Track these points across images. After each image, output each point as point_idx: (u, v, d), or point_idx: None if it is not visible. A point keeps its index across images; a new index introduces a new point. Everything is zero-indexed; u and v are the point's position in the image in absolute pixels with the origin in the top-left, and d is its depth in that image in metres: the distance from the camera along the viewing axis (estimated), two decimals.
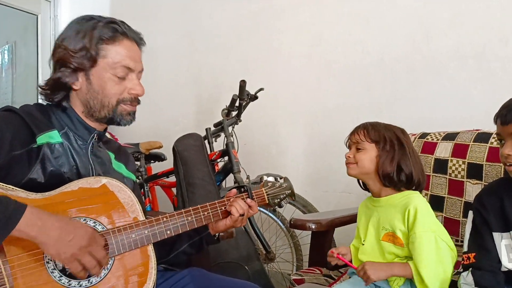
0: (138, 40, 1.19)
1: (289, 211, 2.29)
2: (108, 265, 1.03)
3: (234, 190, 1.27)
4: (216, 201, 1.22)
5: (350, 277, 1.43)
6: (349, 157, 1.39)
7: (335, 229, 1.70)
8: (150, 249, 1.08)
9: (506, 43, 1.95)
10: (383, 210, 1.37)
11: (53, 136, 1.10)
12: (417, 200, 1.31)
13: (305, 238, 2.25)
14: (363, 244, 1.39)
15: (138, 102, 1.21)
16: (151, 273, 1.05)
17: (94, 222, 1.03)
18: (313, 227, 1.60)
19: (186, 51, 3.07)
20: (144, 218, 1.10)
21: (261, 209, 2.32)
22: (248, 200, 1.25)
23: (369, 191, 1.47)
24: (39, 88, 1.18)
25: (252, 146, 2.71)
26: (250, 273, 1.89)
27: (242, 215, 1.22)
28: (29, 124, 1.07)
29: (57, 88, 1.14)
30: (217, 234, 1.30)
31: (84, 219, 1.03)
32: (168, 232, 1.11)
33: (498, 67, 1.98)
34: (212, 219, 1.20)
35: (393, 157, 1.34)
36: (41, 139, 1.07)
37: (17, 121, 1.06)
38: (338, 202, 2.40)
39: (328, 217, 1.65)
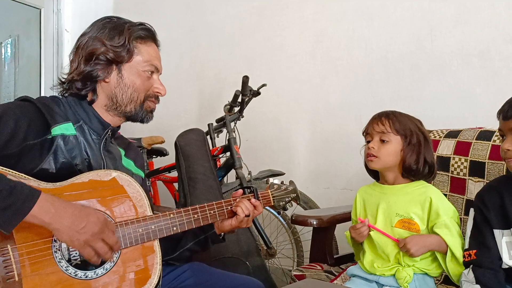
0: (158, 46, 1.27)
1: (290, 208, 2.29)
2: (115, 258, 1.03)
3: (241, 191, 1.28)
4: (222, 200, 1.24)
5: (350, 278, 1.43)
6: (372, 148, 1.36)
7: (336, 225, 1.70)
8: (156, 244, 1.09)
9: (510, 42, 1.95)
10: (395, 198, 1.38)
11: (68, 128, 1.12)
12: (433, 190, 1.38)
13: (306, 234, 2.25)
14: (372, 231, 1.39)
15: (158, 100, 1.27)
16: (156, 268, 1.06)
17: (103, 215, 1.04)
18: (315, 223, 1.61)
19: (189, 47, 3.07)
20: (152, 213, 1.11)
21: (268, 208, 2.33)
22: (253, 200, 1.26)
23: (376, 179, 1.47)
24: (61, 80, 1.20)
25: (254, 142, 2.71)
26: (250, 269, 1.89)
27: (248, 215, 1.23)
28: (45, 115, 1.08)
29: (87, 80, 1.16)
30: (222, 233, 1.30)
31: None
32: (175, 228, 1.12)
33: (502, 66, 1.97)
34: (218, 218, 1.21)
35: (420, 152, 1.36)
36: (56, 130, 1.09)
37: (33, 111, 1.08)
38: (338, 198, 2.40)
39: (329, 213, 1.66)
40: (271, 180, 1.35)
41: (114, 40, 1.16)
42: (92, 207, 0.99)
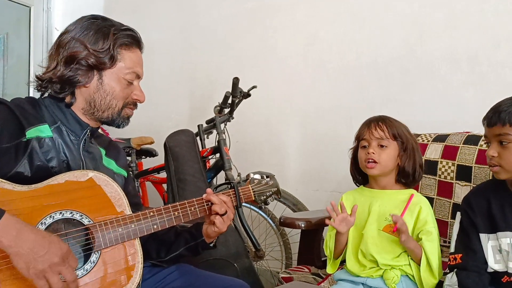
0: (142, 50, 1.25)
1: (279, 209, 2.29)
2: (95, 259, 1.02)
3: (209, 189, 1.27)
4: (203, 197, 1.22)
5: (336, 282, 1.42)
6: (373, 153, 1.36)
7: (325, 227, 1.70)
8: (137, 243, 1.08)
9: (498, 48, 1.97)
10: (386, 202, 1.39)
11: (43, 130, 1.10)
12: (424, 199, 1.40)
13: (294, 236, 2.25)
14: (362, 233, 1.39)
15: (136, 107, 1.25)
16: (137, 268, 1.05)
17: (81, 215, 1.03)
18: (303, 225, 1.61)
19: (181, 48, 3.06)
20: (131, 213, 1.09)
21: (252, 206, 2.32)
22: (222, 197, 1.21)
23: (364, 184, 1.47)
24: (36, 82, 1.17)
25: (245, 144, 2.70)
26: (238, 270, 1.88)
27: (223, 214, 1.20)
28: (19, 117, 1.06)
29: (67, 84, 1.14)
30: (213, 241, 1.28)
31: (71, 212, 1.02)
32: (155, 226, 1.11)
33: (490, 71, 1.99)
34: (199, 214, 1.20)
35: (415, 157, 1.38)
36: (31, 133, 1.07)
37: (7, 114, 1.06)
38: (328, 201, 2.38)
39: (317, 216, 1.66)
40: (251, 175, 1.35)
41: (98, 45, 1.13)
42: (57, 237, 0.93)
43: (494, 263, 1.20)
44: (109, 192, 1.08)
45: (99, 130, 1.46)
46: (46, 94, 1.18)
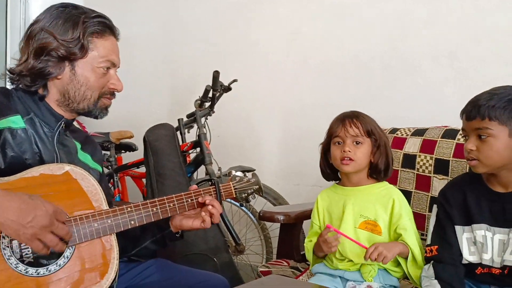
0: (117, 36, 1.21)
1: (260, 204, 2.28)
2: (69, 254, 1.00)
3: (195, 185, 1.25)
4: (182, 193, 1.20)
5: (314, 275, 1.43)
6: (349, 151, 1.35)
7: (304, 221, 1.70)
8: (113, 239, 1.06)
9: (477, 44, 1.99)
10: (360, 198, 1.39)
11: (16, 121, 1.07)
12: (397, 191, 1.40)
13: (275, 230, 2.24)
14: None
15: (114, 96, 1.22)
16: (113, 263, 1.03)
17: None
18: (282, 219, 1.60)
19: (162, 42, 3.03)
20: (108, 208, 1.07)
21: (232, 201, 2.31)
22: (207, 199, 1.20)
23: (335, 180, 1.48)
24: (8, 74, 1.14)
25: (226, 139, 2.69)
26: (218, 265, 1.88)
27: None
28: None
29: (37, 77, 1.11)
30: (180, 231, 1.27)
31: None
32: (132, 222, 1.09)
33: (470, 67, 2.01)
34: (178, 211, 1.18)
35: (387, 152, 1.39)
36: (3, 123, 1.04)
37: None
38: (308, 195, 2.41)
39: (296, 210, 1.66)
40: (233, 172, 1.34)
41: (67, 35, 1.10)
42: (40, 199, 0.94)
43: (468, 255, 1.21)
44: (85, 186, 1.06)
45: (76, 125, 1.44)
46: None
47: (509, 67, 1.88)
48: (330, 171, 1.47)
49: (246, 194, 1.34)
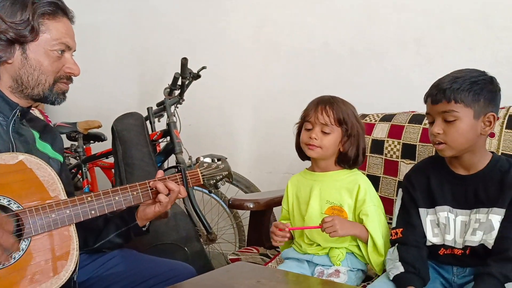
0: (72, 19, 1.17)
1: (232, 192, 2.28)
2: (24, 246, 0.97)
3: (161, 171, 1.23)
4: (146, 181, 1.17)
5: (283, 261, 1.43)
6: (315, 138, 1.34)
7: (274, 208, 1.70)
8: (72, 230, 1.03)
9: (443, 30, 2.01)
10: (326, 184, 1.39)
11: None
12: (363, 178, 1.40)
13: (248, 218, 2.24)
14: (304, 218, 1.39)
15: (71, 81, 1.18)
16: (72, 254, 1.00)
17: (9, 201, 0.97)
18: (251, 206, 1.60)
19: (130, 29, 2.96)
20: (66, 197, 1.04)
21: (204, 190, 2.30)
22: (169, 184, 1.17)
23: (309, 160, 1.47)
24: None
25: (198, 127, 2.67)
26: (189, 254, 1.87)
27: (168, 194, 1.17)
28: None
29: None
30: (146, 225, 1.24)
31: None
32: (93, 212, 1.06)
33: (435, 53, 2.03)
34: (142, 199, 1.15)
35: (358, 143, 1.37)
36: None
37: None
38: (281, 182, 2.41)
39: (266, 197, 1.66)
40: (201, 158, 1.31)
41: (16, 17, 1.05)
42: None
43: (432, 237, 1.23)
44: (41, 176, 1.03)
45: (39, 114, 1.39)
46: None
47: (473, 52, 1.92)
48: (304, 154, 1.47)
49: (214, 181, 1.32)
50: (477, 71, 1.19)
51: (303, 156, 1.46)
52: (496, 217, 1.15)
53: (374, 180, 1.68)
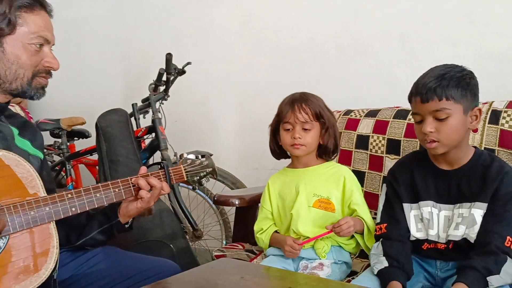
0: (50, 12, 1.15)
1: (219, 189, 2.27)
2: (2, 244, 0.95)
3: (145, 168, 1.21)
4: (128, 178, 1.16)
5: (267, 256, 1.43)
6: (299, 138, 1.36)
7: (259, 204, 1.69)
8: (52, 227, 1.01)
9: (427, 26, 2.02)
10: (310, 178, 1.40)
11: None
12: (346, 170, 1.44)
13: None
14: (291, 213, 1.39)
15: (51, 75, 1.16)
16: (52, 252, 0.99)
17: None
18: (237, 202, 1.60)
19: (114, 24, 2.93)
20: (46, 194, 1.02)
21: (188, 186, 2.28)
22: (151, 181, 1.15)
23: (286, 158, 1.48)
24: None
25: (183, 123, 2.65)
26: (175, 251, 1.86)
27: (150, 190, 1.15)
28: None
29: None
30: (129, 221, 1.22)
31: None
32: (73, 209, 1.04)
33: (420, 48, 2.04)
34: (124, 196, 1.14)
35: (335, 133, 1.40)
36: None
37: None
38: (267, 178, 2.40)
39: (251, 193, 1.65)
40: (184, 155, 1.30)
41: None
42: None
43: (416, 232, 1.24)
44: (20, 172, 1.00)
45: (20, 111, 1.36)
46: None
47: (456, 48, 1.93)
48: (280, 151, 1.48)
49: (198, 177, 1.30)
50: (456, 66, 1.19)
51: (278, 155, 1.49)
52: (478, 211, 1.16)
53: (359, 176, 1.68)
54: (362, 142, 1.71)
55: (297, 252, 1.32)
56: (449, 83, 1.13)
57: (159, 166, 1.28)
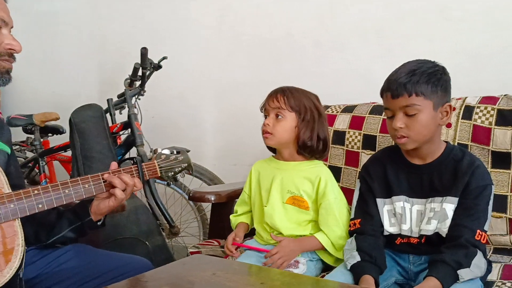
0: None
1: (196, 185, 2.25)
2: None
3: (115, 163, 1.18)
4: (99, 173, 1.13)
5: (244, 252, 1.42)
6: (267, 124, 1.34)
7: (235, 200, 1.68)
8: (17, 225, 0.98)
9: (402, 21, 2.03)
10: (288, 174, 1.38)
11: None
12: (325, 170, 1.39)
13: None
14: (265, 206, 1.39)
15: (14, 59, 1.12)
16: (17, 251, 0.96)
17: None
18: (213, 198, 1.58)
19: (88, 18, 2.87)
20: (10, 191, 0.99)
21: (163, 182, 2.26)
22: (124, 178, 1.12)
23: (274, 153, 1.47)
24: None
25: (161, 119, 2.62)
26: (150, 248, 1.83)
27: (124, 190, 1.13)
28: None
29: None
30: (102, 219, 1.20)
31: None
32: (40, 206, 1.01)
33: (396, 44, 2.05)
34: (94, 192, 1.11)
35: (313, 128, 1.35)
36: None
37: None
38: (246, 175, 2.39)
39: (228, 189, 1.64)
40: (159, 150, 1.28)
41: None
42: None
43: (389, 226, 1.24)
44: None
45: None
46: None
47: (432, 43, 1.94)
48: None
49: (173, 173, 1.28)
50: (429, 61, 1.20)
51: (271, 149, 1.46)
52: (449, 205, 1.17)
53: (336, 171, 1.69)
54: (339, 137, 1.71)
55: (234, 254, 1.35)
56: (419, 79, 1.13)
57: (131, 161, 1.25)
